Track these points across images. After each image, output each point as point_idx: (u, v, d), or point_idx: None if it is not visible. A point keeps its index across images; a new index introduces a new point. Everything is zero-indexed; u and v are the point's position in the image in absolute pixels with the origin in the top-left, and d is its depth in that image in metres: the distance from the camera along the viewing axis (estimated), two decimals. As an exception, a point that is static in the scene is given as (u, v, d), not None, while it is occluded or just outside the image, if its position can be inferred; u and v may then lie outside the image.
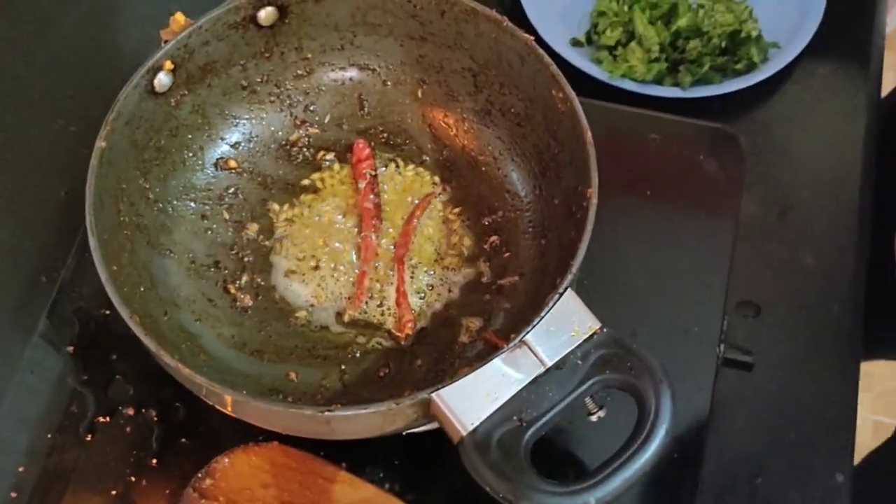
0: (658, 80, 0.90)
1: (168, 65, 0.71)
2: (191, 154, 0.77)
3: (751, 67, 0.90)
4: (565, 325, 0.60)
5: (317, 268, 0.75)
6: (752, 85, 0.88)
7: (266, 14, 0.75)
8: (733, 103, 0.89)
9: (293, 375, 0.70)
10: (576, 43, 0.94)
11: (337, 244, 0.76)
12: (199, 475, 0.69)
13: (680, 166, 0.83)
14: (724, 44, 0.90)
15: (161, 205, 0.74)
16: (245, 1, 0.73)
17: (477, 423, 0.58)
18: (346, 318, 0.73)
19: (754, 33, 0.91)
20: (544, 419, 0.58)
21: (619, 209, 0.80)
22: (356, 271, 0.75)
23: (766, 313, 0.79)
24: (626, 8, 0.93)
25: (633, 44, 0.90)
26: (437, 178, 0.79)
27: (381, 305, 0.74)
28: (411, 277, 0.74)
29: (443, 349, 0.71)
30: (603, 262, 0.75)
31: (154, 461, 0.73)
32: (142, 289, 0.69)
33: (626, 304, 0.77)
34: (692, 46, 0.90)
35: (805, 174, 0.86)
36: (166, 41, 0.71)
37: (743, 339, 0.77)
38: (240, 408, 0.62)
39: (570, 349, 0.60)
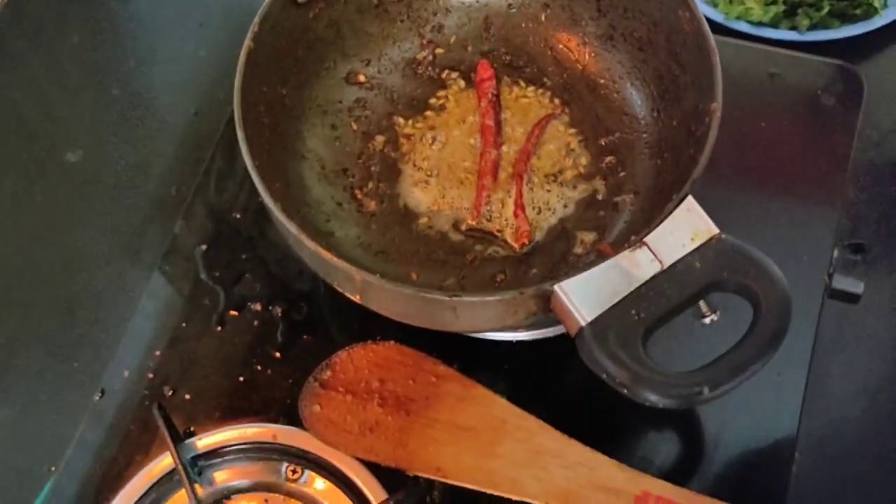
0: (774, 23, 0.91)
1: (310, -23, 0.75)
2: (325, 66, 0.81)
3: (871, 13, 0.90)
4: (685, 229, 0.62)
5: (439, 178, 0.78)
6: (872, 30, 0.89)
7: (402, -67, 0.78)
8: (851, 48, 0.89)
9: (415, 276, 0.74)
10: (693, -16, 0.94)
11: (459, 158, 0.79)
12: (321, 367, 0.73)
13: (797, 100, 0.84)
14: (844, -12, 0.90)
15: (296, 112, 0.78)
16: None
17: (597, 314, 0.60)
18: (464, 227, 0.76)
19: (876, -22, 0.91)
20: (660, 314, 0.60)
21: (735, 140, 0.81)
22: (476, 184, 0.78)
23: (874, 254, 0.80)
24: (746, -52, 0.93)
25: (751, -16, 0.91)
26: (556, 101, 0.81)
27: (499, 217, 0.76)
28: (530, 191, 0.77)
29: (557, 260, 0.74)
30: (718, 183, 0.77)
31: (278, 354, 0.77)
32: (277, 185, 0.72)
33: (738, 227, 0.78)
34: (811, -11, 0.90)
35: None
36: (310, -44, 0.75)
37: (851, 273, 0.77)
38: (369, 292, 0.66)
39: (688, 251, 0.62)
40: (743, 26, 0.91)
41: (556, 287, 0.61)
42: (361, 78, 0.82)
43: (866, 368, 0.76)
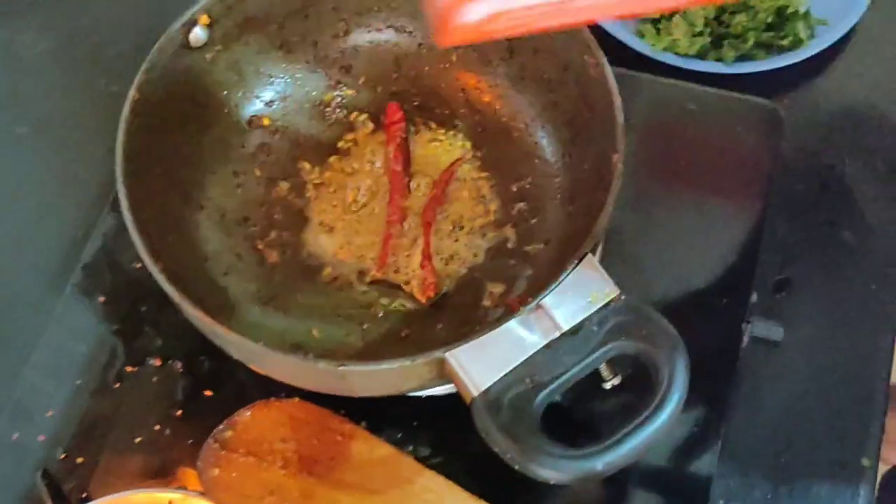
0: (701, 55, 0.88)
1: (204, 19, 0.72)
2: (225, 110, 0.77)
3: (797, 44, 0.88)
4: (583, 291, 0.60)
5: (344, 226, 0.76)
6: (798, 62, 0.86)
7: (305, -28, 0.75)
8: (777, 80, 0.87)
9: (316, 332, 0.71)
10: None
11: (365, 205, 0.76)
12: (221, 427, 0.70)
13: (716, 137, 0.82)
14: (770, 19, 0.88)
15: (194, 160, 0.75)
16: (284, -42, 0.73)
17: (489, 383, 0.58)
18: (369, 278, 0.73)
19: (802, 9, 0.88)
20: (557, 383, 0.58)
21: (652, 179, 0.80)
22: (383, 233, 0.75)
23: (800, 290, 0.77)
24: (671, -20, 0.91)
25: (676, 17, 0.89)
26: (467, 143, 0.78)
27: (406, 267, 0.74)
28: (438, 240, 0.74)
29: (465, 313, 0.71)
30: (632, 230, 0.75)
31: (178, 412, 0.74)
32: (170, 239, 0.69)
33: (653, 274, 0.76)
34: (737, 21, 0.88)
35: (849, 150, 0.84)
36: (205, -4, 0.72)
37: (773, 316, 0.76)
38: (259, 359, 0.63)
39: (586, 315, 0.59)
40: (670, 58, 0.89)
41: (447, 355, 0.58)
42: (265, 121, 0.79)
43: (785, 406, 0.74)
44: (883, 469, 1.09)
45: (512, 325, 0.59)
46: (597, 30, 0.84)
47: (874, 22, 0.90)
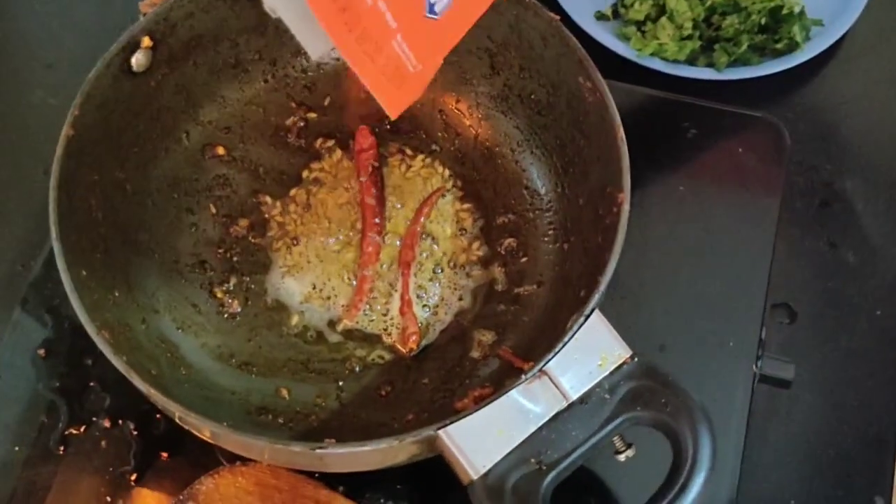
0: (691, 60, 0.83)
1: (146, 41, 0.64)
2: (175, 139, 0.70)
3: (792, 47, 0.83)
4: (591, 353, 0.54)
5: (313, 268, 0.69)
6: (794, 66, 0.81)
7: (259, -18, 0.67)
8: (772, 85, 0.82)
9: (285, 392, 0.64)
10: (601, 17, 0.86)
11: (335, 244, 0.70)
12: (181, 497, 0.64)
13: (715, 159, 0.77)
14: (763, 21, 0.83)
15: (140, 197, 0.68)
16: (235, -33, 0.65)
17: (489, 465, 0.52)
18: (341, 328, 0.67)
19: (797, 9, 0.84)
20: (566, 462, 0.52)
21: (648, 207, 0.74)
22: (356, 275, 0.68)
23: (805, 318, 0.74)
24: (656, -22, 0.85)
25: (663, 19, 0.84)
26: (447, 171, 0.72)
27: (384, 315, 0.67)
28: (418, 284, 0.68)
29: (452, 366, 0.65)
30: (631, 267, 0.68)
31: (132, 479, 0.67)
32: (116, 294, 0.62)
33: (656, 314, 0.71)
34: (728, 23, 0.83)
35: (849, 163, 0.80)
36: (145, 14, 0.64)
37: (779, 348, 0.72)
38: (219, 438, 0.55)
39: (596, 381, 0.53)
40: (657, 64, 0.83)
41: (440, 433, 0.51)
42: (220, 150, 0.71)
43: (799, 443, 0.70)
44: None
45: (513, 395, 0.52)
46: (576, 32, 0.78)
47: (869, 22, 0.85)
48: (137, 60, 0.64)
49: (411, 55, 0.50)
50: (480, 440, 0.52)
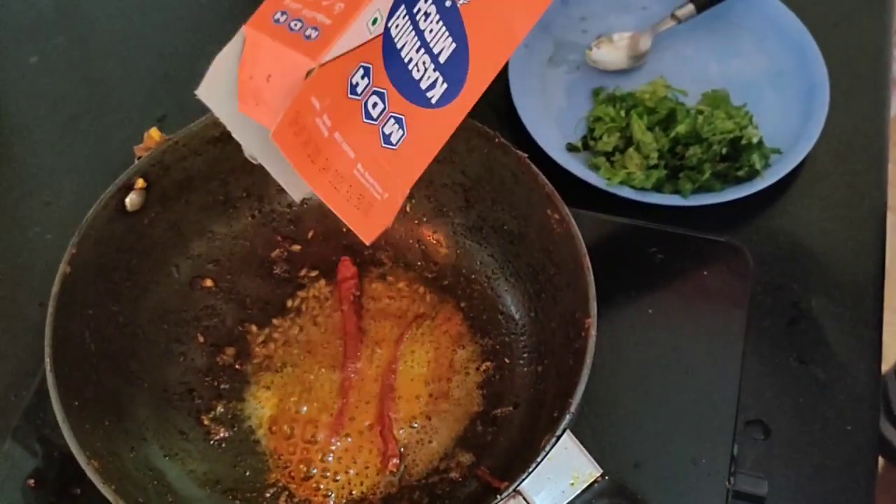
0: (658, 188, 0.87)
1: (140, 182, 0.67)
2: (164, 273, 0.72)
3: (753, 174, 0.87)
4: (563, 472, 0.56)
5: (296, 395, 0.70)
6: (755, 192, 0.85)
7: (248, 128, 0.71)
8: (736, 210, 0.85)
9: (271, 518, 0.65)
10: (571, 148, 0.90)
11: (318, 371, 0.71)
12: None
13: (683, 282, 0.79)
14: (724, 150, 0.87)
15: (131, 328, 0.69)
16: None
17: (467, 587, 0.52)
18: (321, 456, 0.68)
19: (755, 139, 0.87)
20: (541, 582, 0.53)
21: (620, 328, 0.76)
22: (336, 402, 0.70)
23: (778, 434, 0.75)
24: (622, 113, 0.90)
25: (630, 150, 0.87)
26: (426, 299, 0.74)
27: (362, 436, 0.68)
28: (396, 411, 0.69)
29: (432, 488, 0.66)
30: (604, 386, 0.71)
31: None
32: (106, 423, 0.63)
33: (630, 432, 0.72)
34: (692, 153, 0.87)
35: (814, 283, 0.83)
36: (140, 158, 0.67)
37: (754, 464, 0.73)
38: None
39: (568, 500, 0.55)
40: (626, 192, 0.86)
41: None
42: (208, 282, 0.74)
43: None
44: None
45: (488, 516, 0.54)
46: (548, 164, 0.81)
47: (826, 148, 0.89)
48: (132, 200, 0.67)
49: (375, 183, 0.50)
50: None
